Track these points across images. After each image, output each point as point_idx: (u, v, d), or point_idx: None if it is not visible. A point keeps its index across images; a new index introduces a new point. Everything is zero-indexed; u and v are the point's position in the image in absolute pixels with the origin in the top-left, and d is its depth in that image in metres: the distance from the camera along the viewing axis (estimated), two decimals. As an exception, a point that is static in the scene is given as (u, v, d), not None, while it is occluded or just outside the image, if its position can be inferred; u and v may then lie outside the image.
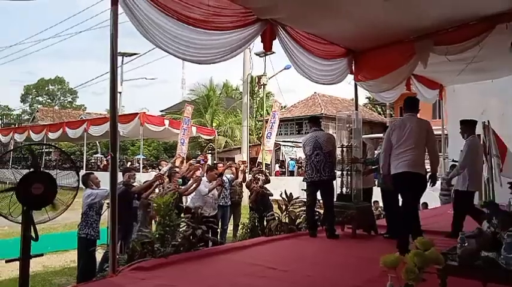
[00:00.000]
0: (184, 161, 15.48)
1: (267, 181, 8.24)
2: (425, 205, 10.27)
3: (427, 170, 4.85)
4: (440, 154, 16.72)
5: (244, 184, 8.73)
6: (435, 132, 4.93)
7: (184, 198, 7.09)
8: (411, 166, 4.48)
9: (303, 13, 5.19)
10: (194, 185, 6.67)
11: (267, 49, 5.28)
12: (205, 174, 7.37)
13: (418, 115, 5.02)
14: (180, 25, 4.24)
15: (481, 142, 7.77)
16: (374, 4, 4.91)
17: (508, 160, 7.32)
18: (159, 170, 8.58)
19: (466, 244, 2.68)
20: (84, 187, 5.76)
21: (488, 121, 7.56)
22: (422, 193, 4.76)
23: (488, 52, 5.84)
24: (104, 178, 5.86)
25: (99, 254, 5.49)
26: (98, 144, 33.42)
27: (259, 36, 5.10)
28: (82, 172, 6.95)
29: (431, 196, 11.48)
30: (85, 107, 57.41)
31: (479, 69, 7.09)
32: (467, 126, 5.72)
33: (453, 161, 8.33)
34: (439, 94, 9.28)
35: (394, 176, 4.65)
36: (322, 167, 5.61)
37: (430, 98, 9.07)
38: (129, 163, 31.19)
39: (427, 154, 4.80)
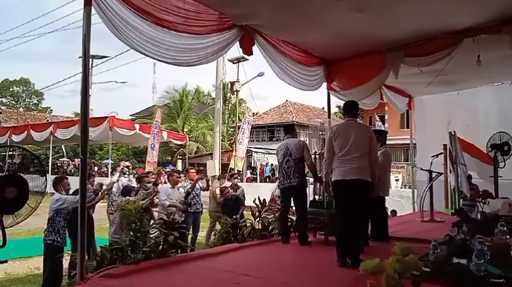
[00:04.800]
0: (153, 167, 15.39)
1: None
2: (394, 212, 10.48)
3: None
4: (408, 162, 17.21)
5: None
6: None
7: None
8: (358, 173, 4.30)
9: (278, 21, 5.22)
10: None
11: (248, 53, 5.24)
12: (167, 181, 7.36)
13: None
14: (157, 28, 4.18)
15: (448, 152, 8.05)
16: (348, 14, 4.98)
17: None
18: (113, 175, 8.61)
19: (438, 251, 2.72)
20: (53, 191, 5.58)
21: (454, 131, 7.82)
22: (367, 198, 4.48)
23: (455, 65, 6.05)
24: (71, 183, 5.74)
25: (65, 261, 5.30)
26: (63, 148, 32.45)
27: (238, 42, 5.10)
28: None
29: (399, 204, 11.79)
30: (51, 110, 55.79)
31: (446, 81, 7.32)
32: None
33: (421, 169, 8.55)
34: (408, 104, 9.51)
35: (339, 183, 4.41)
36: (292, 173, 5.62)
37: (401, 107, 9.30)
38: (97, 167, 30.48)
39: None
